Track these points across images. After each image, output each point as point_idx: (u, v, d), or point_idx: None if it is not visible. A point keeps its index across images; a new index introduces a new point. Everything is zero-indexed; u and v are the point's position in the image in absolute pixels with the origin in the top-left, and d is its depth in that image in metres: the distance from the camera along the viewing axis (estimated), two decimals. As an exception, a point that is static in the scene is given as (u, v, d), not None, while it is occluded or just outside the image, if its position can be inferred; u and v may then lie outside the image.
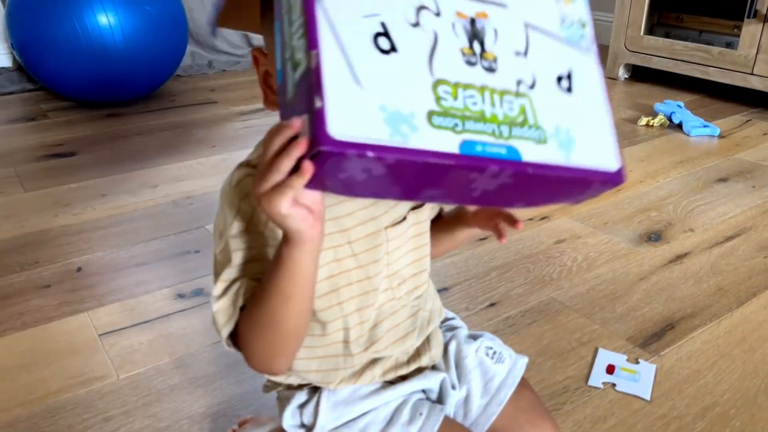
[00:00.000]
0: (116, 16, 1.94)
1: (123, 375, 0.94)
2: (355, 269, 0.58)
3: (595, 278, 1.18)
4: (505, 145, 0.42)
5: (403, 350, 0.64)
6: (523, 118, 0.43)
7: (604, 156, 0.45)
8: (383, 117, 0.39)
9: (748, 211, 1.45)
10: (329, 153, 0.38)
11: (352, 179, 0.41)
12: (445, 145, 0.40)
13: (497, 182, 0.43)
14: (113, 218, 1.41)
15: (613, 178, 0.45)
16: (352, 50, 0.39)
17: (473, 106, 0.42)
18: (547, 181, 0.44)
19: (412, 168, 0.40)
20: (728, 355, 0.98)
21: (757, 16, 2.07)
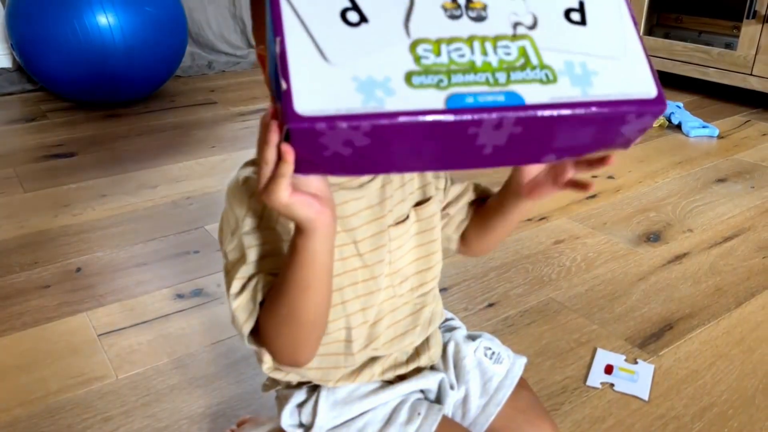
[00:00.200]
0: (116, 16, 1.95)
1: (122, 375, 0.94)
2: (360, 269, 0.59)
3: (593, 278, 1.18)
4: (503, 91, 0.38)
5: (401, 348, 0.64)
6: (523, 61, 0.39)
7: (634, 83, 0.40)
8: (355, 86, 0.37)
9: (747, 211, 1.45)
10: (299, 130, 0.37)
11: (340, 156, 0.39)
12: (428, 102, 0.37)
13: (504, 134, 0.39)
14: (113, 219, 1.42)
15: (653, 107, 0.40)
16: (317, 29, 0.39)
17: (460, 59, 0.39)
18: (567, 123, 0.39)
19: (396, 133, 0.38)
20: (726, 355, 0.98)
21: (756, 16, 2.07)
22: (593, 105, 0.39)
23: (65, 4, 1.92)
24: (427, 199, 0.63)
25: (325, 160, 0.40)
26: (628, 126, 0.41)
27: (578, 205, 1.48)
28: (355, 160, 0.40)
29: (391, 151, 0.40)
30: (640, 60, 0.41)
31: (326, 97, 0.37)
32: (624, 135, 0.42)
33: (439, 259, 0.65)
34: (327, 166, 0.42)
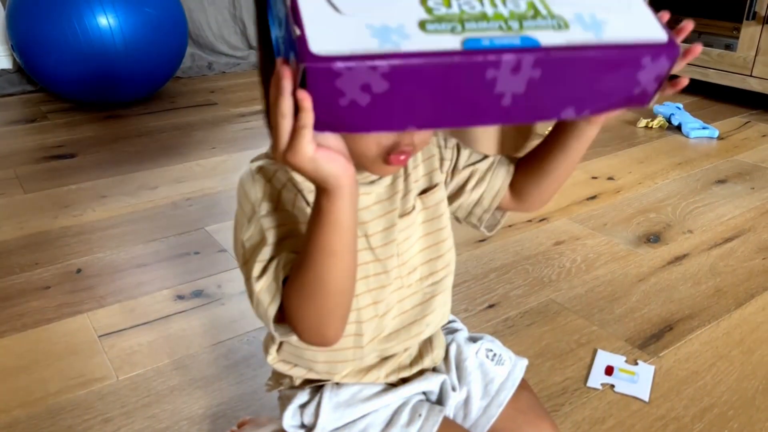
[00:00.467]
0: (116, 17, 1.95)
1: (122, 376, 0.94)
2: (372, 262, 0.58)
3: (593, 279, 1.18)
4: (518, 35, 0.38)
5: (408, 337, 0.64)
6: (533, 12, 0.40)
7: (645, 31, 0.41)
8: (369, 32, 0.37)
9: (747, 212, 1.45)
10: (316, 70, 0.36)
11: (357, 106, 0.39)
12: (445, 44, 0.37)
13: (523, 79, 0.39)
14: (113, 219, 1.42)
15: (666, 50, 0.40)
16: None
17: (471, 10, 0.39)
18: (581, 65, 0.40)
19: (415, 76, 0.37)
20: (727, 356, 0.98)
21: (756, 18, 2.08)
22: (609, 47, 0.40)
23: (65, 6, 1.92)
24: (433, 186, 0.63)
25: (341, 112, 0.39)
26: (645, 72, 0.41)
27: (578, 206, 1.48)
28: (372, 112, 0.39)
29: (408, 101, 0.39)
30: (645, 13, 0.43)
31: (342, 40, 0.37)
32: (641, 84, 0.42)
33: (449, 246, 0.64)
34: (343, 121, 0.40)
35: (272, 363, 0.64)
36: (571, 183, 1.60)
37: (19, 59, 2.14)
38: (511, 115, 0.42)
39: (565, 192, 1.55)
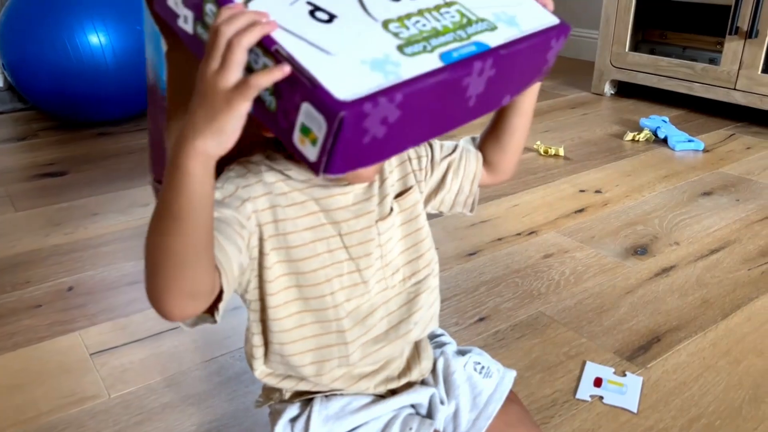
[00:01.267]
0: (107, 36, 1.96)
1: (114, 394, 0.94)
2: (346, 261, 0.60)
3: (582, 292, 1.20)
4: (471, 42, 0.45)
5: (397, 337, 0.65)
6: (466, 20, 0.47)
7: (543, 18, 0.50)
8: (368, 68, 0.40)
9: (733, 224, 1.47)
10: (351, 116, 0.38)
11: (375, 138, 0.41)
12: (430, 64, 0.42)
13: (484, 79, 0.45)
14: (104, 237, 1.42)
15: (563, 28, 0.50)
16: (303, 32, 0.41)
17: (425, 27, 0.45)
18: (518, 57, 0.47)
19: (419, 98, 0.42)
20: (713, 367, 1.00)
21: (738, 32, 2.12)
22: (532, 37, 0.48)
23: (56, 24, 1.93)
24: (408, 189, 0.65)
25: (362, 150, 0.42)
26: (552, 51, 0.51)
27: (567, 219, 1.50)
28: (385, 141, 0.42)
29: (411, 123, 0.43)
30: (533, 4, 0.51)
31: (353, 81, 0.39)
32: (548, 61, 0.52)
33: (429, 245, 0.66)
34: (362, 157, 0.43)
35: (261, 378, 0.65)
36: (559, 197, 1.62)
37: (9, 77, 2.14)
38: (472, 113, 0.48)
39: (553, 205, 1.57)
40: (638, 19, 2.46)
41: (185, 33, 0.46)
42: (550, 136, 2.08)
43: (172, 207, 0.45)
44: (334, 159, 0.40)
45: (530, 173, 1.77)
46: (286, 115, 0.41)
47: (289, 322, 0.60)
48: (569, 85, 2.75)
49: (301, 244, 0.58)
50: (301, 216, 0.58)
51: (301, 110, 0.40)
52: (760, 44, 2.08)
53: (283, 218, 0.57)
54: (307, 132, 0.40)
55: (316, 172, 0.42)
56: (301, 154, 0.42)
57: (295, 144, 0.42)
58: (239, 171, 0.57)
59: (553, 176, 1.75)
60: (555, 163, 1.85)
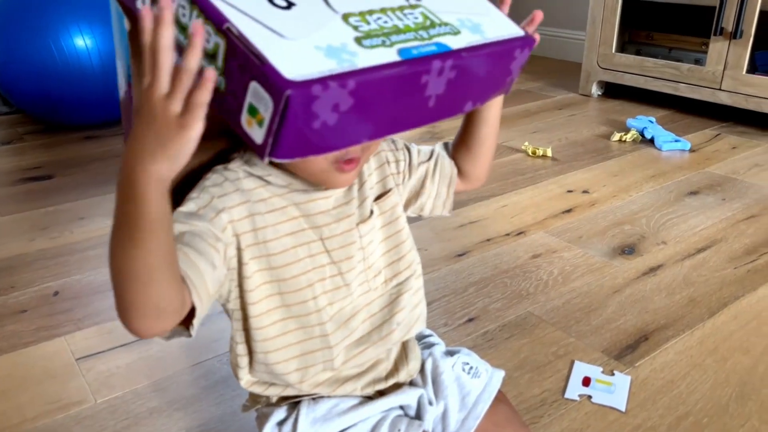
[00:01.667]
0: (93, 38, 1.95)
1: (100, 399, 0.93)
2: (328, 265, 0.60)
3: (570, 292, 1.20)
4: (432, 42, 0.45)
5: (379, 338, 0.64)
6: (429, 22, 0.46)
7: (508, 28, 0.50)
8: (323, 53, 0.40)
9: (719, 223, 1.48)
10: (298, 95, 0.37)
11: (326, 125, 0.41)
12: (388, 56, 0.42)
13: (444, 80, 0.45)
14: (91, 241, 1.41)
15: (527, 41, 0.50)
16: (259, 15, 0.40)
17: (386, 24, 0.44)
18: (480, 62, 0.47)
19: (374, 89, 0.41)
20: (701, 365, 1.00)
21: (723, 33, 2.13)
22: (495, 45, 0.48)
23: (41, 27, 1.92)
24: (387, 191, 0.65)
25: (312, 136, 0.41)
26: (516, 62, 0.51)
27: (554, 219, 1.50)
28: (337, 130, 0.42)
29: (365, 114, 0.43)
30: (501, 15, 0.52)
31: (305, 64, 0.38)
32: (512, 73, 0.52)
33: (410, 247, 0.66)
34: (312, 144, 0.42)
35: (247, 387, 0.64)
36: (547, 197, 1.63)
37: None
38: (432, 115, 0.48)
39: (541, 206, 1.58)
40: (624, 20, 2.48)
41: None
42: (538, 136, 2.09)
43: (128, 229, 0.43)
44: (281, 142, 0.39)
45: (518, 174, 1.78)
46: (234, 95, 0.40)
47: (273, 330, 0.60)
48: (557, 86, 2.77)
49: (282, 250, 0.57)
50: (282, 222, 0.57)
51: (249, 89, 0.39)
52: (745, 45, 2.10)
53: (263, 226, 0.56)
54: (254, 112, 0.39)
55: (261, 155, 0.40)
56: (248, 136, 0.41)
57: (242, 125, 0.41)
58: (215, 179, 0.56)
59: (541, 177, 1.76)
60: (543, 164, 1.86)
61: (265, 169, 0.57)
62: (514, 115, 2.34)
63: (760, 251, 1.35)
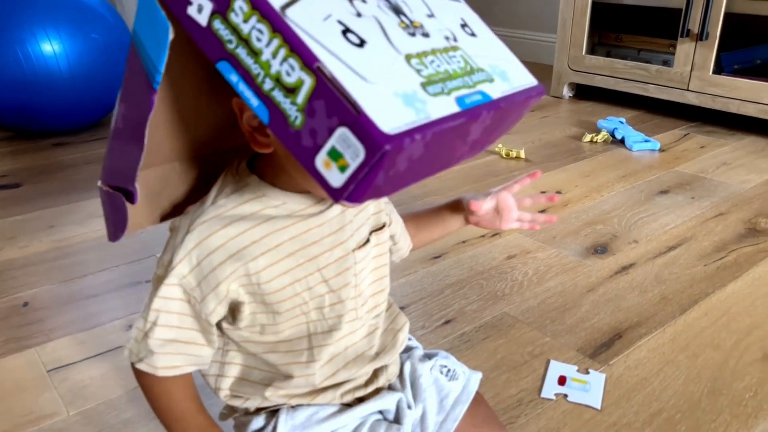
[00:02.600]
0: (61, 44, 1.92)
1: (73, 411, 0.92)
2: (327, 294, 0.60)
3: (545, 291, 1.21)
4: (477, 91, 0.45)
5: (358, 370, 0.65)
6: (470, 67, 0.47)
7: (525, 76, 0.52)
8: (401, 101, 0.39)
9: (689, 221, 1.51)
10: (393, 150, 0.37)
11: (397, 172, 0.41)
12: (450, 107, 0.42)
13: (482, 127, 0.46)
14: (61, 250, 1.38)
15: (540, 90, 0.52)
16: (341, 53, 0.39)
17: (440, 69, 0.44)
18: (509, 110, 0.48)
19: (440, 139, 0.41)
20: (673, 361, 1.02)
21: (689, 35, 2.18)
22: (520, 94, 0.49)
23: (8, 33, 1.88)
24: (382, 226, 0.66)
25: (385, 182, 0.41)
26: (526, 108, 0.52)
27: (529, 220, 1.52)
28: (404, 175, 0.42)
29: (426, 160, 0.43)
30: (517, 62, 0.53)
31: (391, 115, 0.38)
32: (520, 117, 0.53)
33: (388, 281, 0.68)
34: (381, 189, 0.42)
35: (226, 400, 0.65)
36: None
37: (-41, 88, 2.07)
38: (461, 156, 0.49)
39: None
40: (594, 22, 2.51)
41: (194, 24, 0.41)
42: (512, 138, 2.11)
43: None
44: (361, 188, 0.39)
45: (493, 175, 1.79)
46: (313, 134, 0.39)
47: (259, 351, 0.62)
48: (529, 88, 2.79)
49: (278, 289, 0.57)
50: (277, 261, 0.56)
51: (336, 134, 0.38)
52: (711, 46, 2.14)
53: (256, 271, 0.56)
54: (336, 157, 0.38)
55: (336, 198, 0.40)
56: (321, 176, 0.40)
57: (316, 165, 0.39)
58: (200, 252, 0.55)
59: (515, 178, 1.77)
60: (516, 165, 1.88)
61: (256, 192, 0.56)
62: (487, 117, 2.36)
63: (729, 248, 1.38)
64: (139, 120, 0.49)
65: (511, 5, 3.42)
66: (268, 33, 0.38)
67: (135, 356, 0.59)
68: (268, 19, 0.38)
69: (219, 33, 0.40)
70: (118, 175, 0.55)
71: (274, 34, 0.38)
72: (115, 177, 0.56)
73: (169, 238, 0.58)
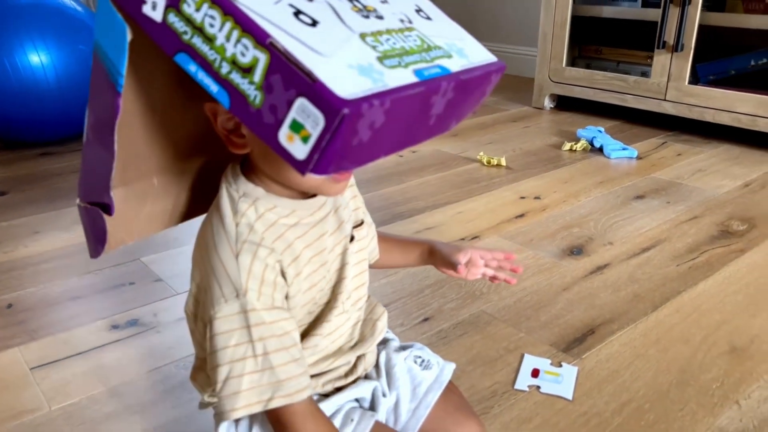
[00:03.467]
0: (48, 55, 1.94)
1: (55, 406, 0.93)
2: (329, 290, 0.63)
3: (521, 291, 1.24)
4: (435, 65, 0.46)
5: (340, 360, 0.67)
6: (426, 45, 0.48)
7: (484, 53, 0.53)
8: (356, 72, 0.40)
9: (663, 224, 1.55)
10: (351, 114, 0.37)
11: (361, 142, 0.41)
12: (408, 78, 0.43)
13: (445, 100, 0.47)
14: (46, 254, 1.40)
15: (501, 66, 0.53)
16: (294, 31, 0.40)
17: (395, 45, 0.45)
18: (471, 84, 0.50)
19: (401, 107, 0.42)
20: (644, 355, 1.05)
21: (665, 46, 2.24)
22: (481, 68, 0.50)
23: (-5, 44, 1.91)
24: (361, 223, 0.70)
25: (350, 152, 0.41)
26: (490, 86, 0.54)
27: (507, 224, 1.55)
28: (368, 146, 0.42)
29: (388, 131, 0.44)
30: (474, 41, 0.54)
31: (347, 83, 0.39)
32: (485, 94, 0.54)
33: (368, 275, 0.71)
34: (348, 160, 0.42)
35: (210, 399, 0.66)
36: (501, 203, 1.68)
37: (-54, 99, 2.09)
38: (429, 133, 0.50)
39: (495, 212, 1.62)
40: (574, 36, 2.57)
41: (150, 21, 0.42)
42: (493, 147, 2.15)
43: None
44: (325, 158, 0.40)
45: (474, 182, 1.83)
46: (273, 110, 0.40)
47: None
48: (511, 100, 2.85)
49: (297, 293, 0.59)
50: (301, 269, 0.59)
51: (295, 106, 0.39)
52: (686, 57, 2.20)
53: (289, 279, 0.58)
54: (298, 128, 0.39)
55: (302, 170, 0.41)
56: (285, 151, 0.40)
57: (280, 141, 0.40)
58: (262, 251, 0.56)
59: (496, 185, 1.81)
60: (497, 173, 1.91)
61: (267, 204, 0.57)
62: (470, 128, 2.40)
63: (701, 249, 1.42)
64: (107, 127, 0.50)
65: (492, 20, 3.49)
66: (220, 17, 0.40)
67: (263, 403, 0.56)
68: (218, 4, 0.40)
69: (174, 26, 0.42)
70: (93, 189, 0.56)
71: (225, 18, 0.40)
72: (90, 192, 0.57)
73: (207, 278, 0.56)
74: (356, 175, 1.93)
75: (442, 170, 1.93)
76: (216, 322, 0.55)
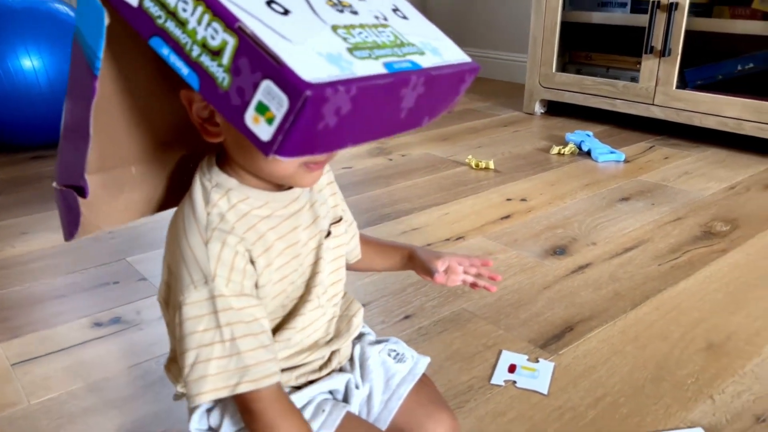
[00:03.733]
0: (41, 59, 1.96)
1: (35, 401, 0.94)
2: (302, 284, 0.64)
3: (502, 289, 1.25)
4: (406, 60, 0.48)
5: (314, 354, 0.68)
6: (399, 41, 0.49)
7: (459, 54, 0.54)
8: (324, 59, 0.41)
9: (647, 225, 1.56)
10: (314, 97, 0.38)
11: (327, 127, 0.42)
12: (377, 68, 0.44)
13: (415, 95, 0.48)
14: (33, 254, 1.41)
15: (474, 67, 0.54)
16: (264, 18, 0.41)
17: (368, 39, 0.47)
18: (441, 81, 0.51)
19: (368, 96, 0.43)
20: (621, 351, 1.06)
21: (653, 52, 2.26)
22: (453, 67, 0.51)
23: (-13, 48, 1.92)
24: (339, 219, 0.70)
25: (315, 136, 0.42)
26: (464, 85, 0.54)
27: (493, 225, 1.56)
28: (335, 132, 0.43)
29: (356, 120, 0.44)
30: (450, 42, 0.55)
31: (313, 68, 0.40)
32: (459, 93, 0.55)
33: (345, 272, 0.72)
34: (314, 144, 0.43)
35: (182, 390, 0.67)
36: (487, 205, 1.69)
37: (-62, 103, 2.11)
38: (401, 126, 0.51)
39: (481, 213, 1.63)
40: (564, 42, 2.60)
41: (127, 6, 0.44)
42: (482, 151, 2.16)
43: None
44: (289, 140, 0.41)
45: (461, 185, 1.84)
46: (240, 93, 0.41)
47: None
48: (503, 105, 2.87)
49: (267, 283, 0.60)
50: (272, 260, 0.59)
51: (260, 88, 0.40)
52: (673, 62, 2.22)
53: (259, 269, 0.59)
54: (263, 110, 0.40)
55: (266, 151, 0.42)
56: (251, 133, 0.42)
57: (246, 123, 0.41)
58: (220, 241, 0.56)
59: (483, 187, 1.82)
60: (485, 176, 1.93)
61: (240, 195, 0.58)
62: (460, 132, 2.42)
63: (683, 249, 1.43)
64: (84, 111, 0.51)
65: (483, 27, 3.52)
66: (192, 2, 0.41)
67: (230, 388, 0.56)
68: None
69: (149, 11, 0.44)
70: (69, 172, 0.57)
71: (197, 2, 0.41)
72: (66, 175, 0.58)
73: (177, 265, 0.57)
74: (344, 177, 1.95)
75: (431, 173, 1.95)
76: (185, 308, 0.56)
